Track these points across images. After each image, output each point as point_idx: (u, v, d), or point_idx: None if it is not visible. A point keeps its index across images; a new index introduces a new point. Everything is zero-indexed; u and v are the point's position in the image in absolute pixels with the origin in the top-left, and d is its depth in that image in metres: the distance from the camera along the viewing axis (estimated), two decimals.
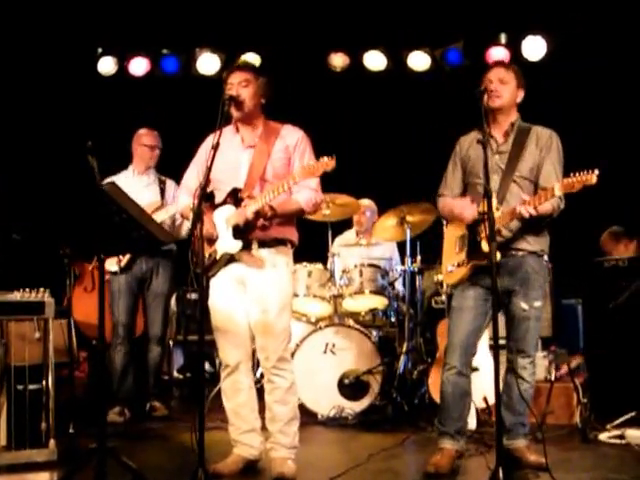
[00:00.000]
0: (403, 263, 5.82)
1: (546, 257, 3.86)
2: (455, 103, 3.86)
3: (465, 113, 3.74)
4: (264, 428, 3.82)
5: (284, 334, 3.69)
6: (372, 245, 6.19)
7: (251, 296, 3.69)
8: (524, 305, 3.76)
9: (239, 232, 3.59)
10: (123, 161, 5.63)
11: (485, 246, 3.54)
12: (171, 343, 6.83)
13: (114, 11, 6.64)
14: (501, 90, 3.74)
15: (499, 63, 3.96)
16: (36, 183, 6.09)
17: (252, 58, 7.10)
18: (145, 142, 5.48)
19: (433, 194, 4.07)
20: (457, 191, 3.93)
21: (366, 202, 6.40)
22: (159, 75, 7.23)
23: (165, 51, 7.18)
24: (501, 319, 3.71)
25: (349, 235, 6.52)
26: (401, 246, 6.14)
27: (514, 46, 6.93)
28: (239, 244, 3.61)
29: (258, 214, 3.53)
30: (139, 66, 7.19)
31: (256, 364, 4.66)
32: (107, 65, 7.12)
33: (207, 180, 3.38)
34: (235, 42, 7.09)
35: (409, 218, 5.69)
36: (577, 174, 3.43)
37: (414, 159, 6.86)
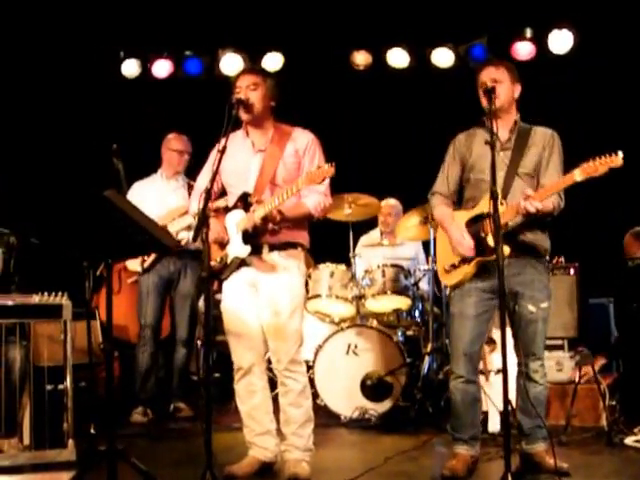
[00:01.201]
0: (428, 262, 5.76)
1: (547, 257, 3.82)
2: (480, 100, 3.83)
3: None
4: (279, 430, 3.80)
5: (296, 336, 3.68)
6: (396, 245, 6.14)
7: (263, 299, 3.69)
8: (531, 307, 3.68)
9: (248, 237, 3.60)
10: (148, 163, 5.66)
11: (492, 241, 3.48)
12: (199, 343, 6.84)
13: (137, 14, 6.68)
14: (497, 90, 3.66)
15: (489, 62, 3.86)
16: (49, 186, 6.16)
17: (275, 57, 7.11)
18: (174, 147, 5.49)
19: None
20: (453, 188, 3.87)
21: (392, 202, 6.36)
22: (182, 77, 7.26)
23: (188, 53, 7.21)
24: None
25: (374, 234, 6.48)
26: (426, 245, 6.07)
27: (540, 40, 6.81)
28: (248, 249, 3.62)
29: (266, 219, 3.53)
30: (162, 68, 7.23)
31: None
32: (131, 67, 7.17)
33: (212, 184, 3.38)
34: (258, 42, 7.09)
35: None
36: (599, 157, 3.36)
37: (438, 157, 6.77)
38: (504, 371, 3.23)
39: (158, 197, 5.37)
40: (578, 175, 3.42)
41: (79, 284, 4.41)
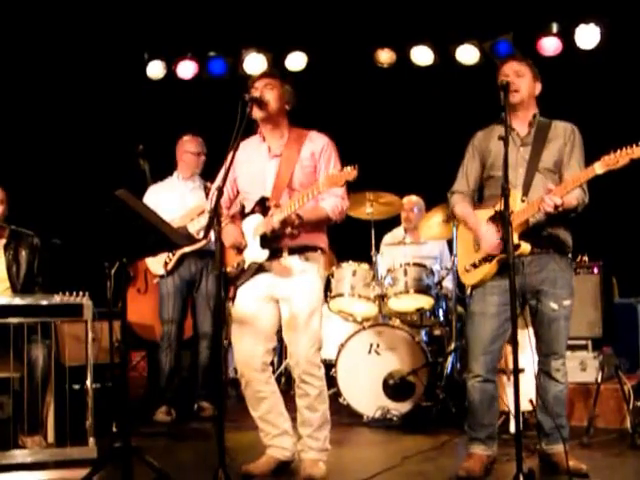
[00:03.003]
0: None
1: (570, 254, 3.75)
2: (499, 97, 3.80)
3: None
4: (296, 428, 3.78)
5: (314, 338, 3.66)
6: (421, 243, 6.10)
7: (281, 302, 3.70)
8: (554, 305, 3.63)
9: (266, 241, 3.60)
10: (173, 164, 5.69)
11: (514, 238, 3.45)
12: (226, 343, 6.85)
13: (161, 15, 6.74)
14: (518, 83, 3.66)
15: (512, 57, 3.87)
16: (74, 188, 6.23)
17: (299, 57, 7.12)
18: (191, 149, 5.49)
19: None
20: (473, 187, 3.85)
21: (414, 198, 6.32)
22: (207, 77, 7.29)
23: (212, 53, 7.24)
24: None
25: (398, 233, 6.44)
26: (450, 244, 6.02)
27: (566, 35, 6.72)
28: (266, 253, 3.62)
29: (284, 223, 3.53)
30: (187, 69, 7.27)
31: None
32: (156, 69, 7.23)
33: (224, 182, 3.39)
34: (281, 41, 7.10)
35: None
36: (620, 149, 3.31)
37: (462, 155, 6.71)
38: (515, 369, 3.20)
39: (178, 198, 5.39)
40: (599, 168, 3.37)
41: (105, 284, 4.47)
